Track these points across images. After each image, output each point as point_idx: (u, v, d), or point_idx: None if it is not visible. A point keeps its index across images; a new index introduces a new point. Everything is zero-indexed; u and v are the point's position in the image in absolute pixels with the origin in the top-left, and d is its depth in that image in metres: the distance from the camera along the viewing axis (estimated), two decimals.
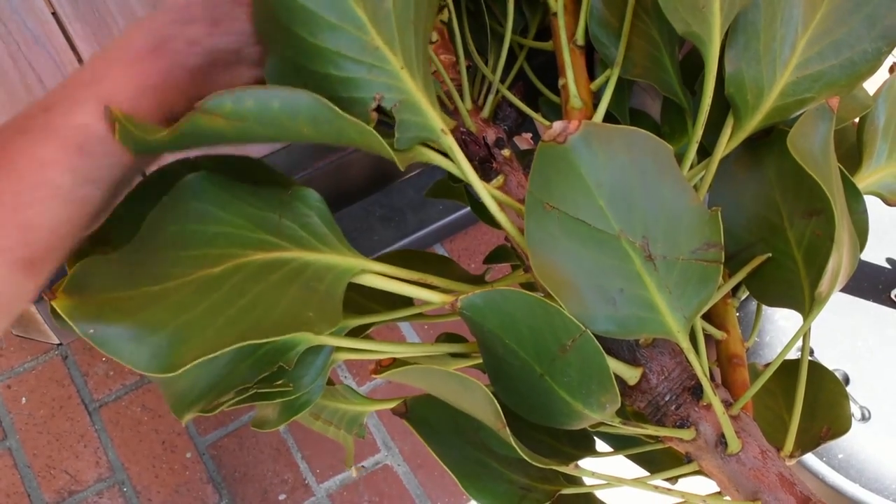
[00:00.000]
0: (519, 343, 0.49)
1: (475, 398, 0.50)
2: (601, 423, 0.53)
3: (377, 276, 0.55)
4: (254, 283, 0.50)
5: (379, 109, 0.51)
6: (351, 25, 0.49)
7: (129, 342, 0.46)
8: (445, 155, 0.55)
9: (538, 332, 0.48)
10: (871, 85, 0.62)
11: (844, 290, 0.56)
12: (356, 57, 0.50)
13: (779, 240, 0.58)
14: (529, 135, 0.71)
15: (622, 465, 0.62)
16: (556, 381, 0.49)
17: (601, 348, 0.48)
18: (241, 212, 0.52)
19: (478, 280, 0.74)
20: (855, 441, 1.08)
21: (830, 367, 0.64)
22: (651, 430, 0.53)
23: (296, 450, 1.43)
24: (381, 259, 0.72)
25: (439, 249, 1.66)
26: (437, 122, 0.51)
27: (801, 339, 0.55)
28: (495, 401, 0.49)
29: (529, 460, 0.51)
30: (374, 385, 1.49)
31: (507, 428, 0.49)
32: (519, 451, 0.50)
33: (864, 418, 1.10)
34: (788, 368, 0.60)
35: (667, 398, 0.55)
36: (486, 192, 0.53)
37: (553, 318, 0.48)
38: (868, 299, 1.03)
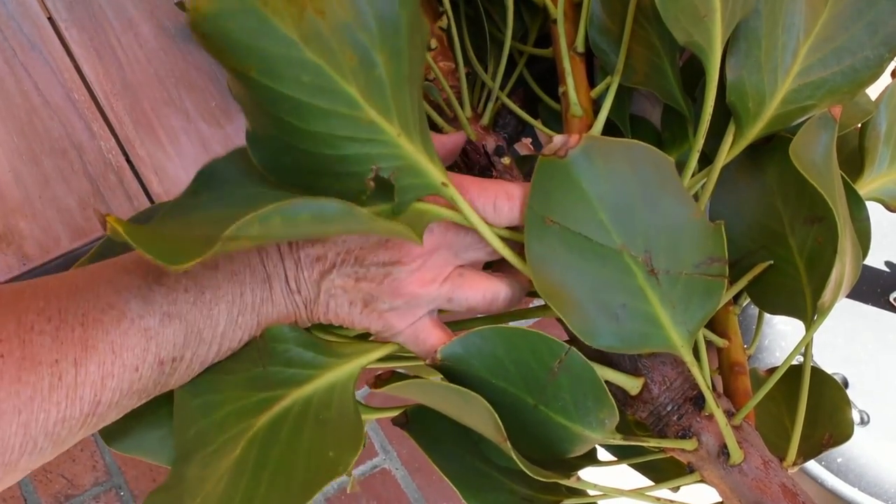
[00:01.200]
0: (507, 380, 0.49)
1: (475, 412, 0.50)
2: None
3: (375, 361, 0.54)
4: (268, 450, 0.49)
5: (376, 178, 0.49)
6: (343, 106, 0.46)
7: None
8: None
9: (524, 364, 0.48)
10: (873, 91, 0.62)
11: None
12: (351, 135, 0.47)
13: (780, 247, 0.58)
14: (529, 140, 0.71)
15: (624, 473, 0.62)
16: (550, 409, 0.49)
17: (589, 363, 0.48)
18: (232, 384, 0.51)
19: None
20: (854, 445, 1.08)
21: (829, 371, 0.64)
22: (653, 443, 0.53)
23: None
24: None
25: None
26: (437, 177, 0.50)
27: (803, 347, 0.55)
28: (495, 414, 0.48)
29: (531, 473, 0.51)
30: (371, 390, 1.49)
31: (508, 441, 0.49)
32: (520, 464, 0.50)
33: (864, 422, 1.09)
34: (790, 374, 0.59)
35: (668, 408, 0.54)
36: (495, 239, 0.52)
37: (535, 344, 0.47)
38: (867, 303, 1.03)
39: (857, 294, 1.03)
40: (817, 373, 0.61)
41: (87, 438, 1.43)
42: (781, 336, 1.13)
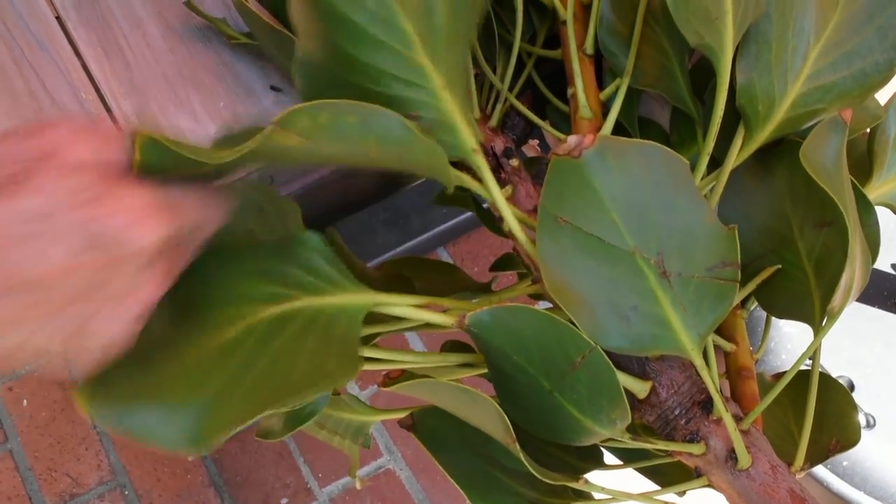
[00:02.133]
0: (527, 360, 0.49)
1: (484, 413, 0.50)
2: (611, 438, 0.52)
3: (388, 307, 0.54)
4: (270, 340, 0.48)
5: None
6: (397, 42, 0.47)
7: (157, 426, 0.45)
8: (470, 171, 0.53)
9: (547, 349, 0.48)
10: (882, 95, 0.61)
11: None
12: (398, 74, 0.48)
13: (789, 251, 0.58)
14: (536, 142, 0.71)
15: (631, 477, 0.62)
16: (565, 398, 0.49)
17: (612, 365, 0.48)
18: (246, 269, 0.51)
19: (484, 288, 0.73)
20: (860, 448, 1.08)
21: (835, 374, 0.64)
22: (661, 445, 0.53)
23: (298, 454, 1.43)
24: (386, 266, 0.72)
25: (443, 253, 1.65)
26: (469, 140, 0.50)
27: (811, 353, 0.55)
28: (505, 416, 0.48)
29: (539, 476, 0.51)
30: (377, 389, 1.49)
31: (517, 444, 0.49)
32: (528, 466, 0.50)
33: (869, 425, 1.09)
34: (796, 378, 0.59)
35: (676, 412, 0.54)
36: (512, 216, 0.52)
37: (562, 335, 0.47)
38: (873, 305, 1.03)
39: (864, 297, 1.03)
40: (824, 378, 0.61)
41: (93, 437, 1.42)
42: (787, 338, 1.12)
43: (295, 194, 0.68)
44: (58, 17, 0.76)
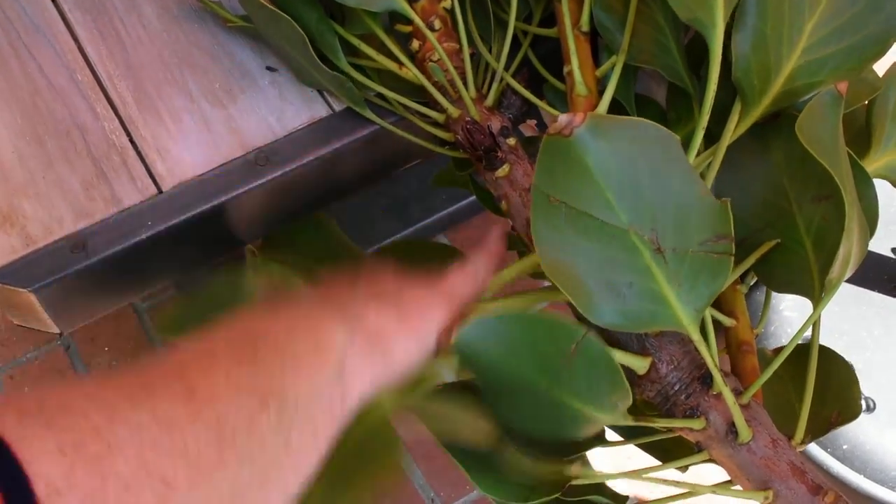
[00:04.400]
0: (521, 363, 0.49)
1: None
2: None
3: None
4: None
5: None
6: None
7: None
8: None
9: (539, 347, 0.48)
10: (881, 66, 0.61)
11: (849, 280, 0.55)
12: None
13: (787, 225, 0.58)
14: (534, 122, 0.71)
15: (632, 451, 0.62)
16: (564, 391, 0.49)
17: (606, 346, 0.48)
18: None
19: None
20: (860, 431, 1.08)
21: None
22: (662, 423, 0.53)
23: None
24: (385, 250, 0.72)
25: (442, 239, 1.65)
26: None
27: (810, 326, 0.55)
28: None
29: (530, 470, 0.51)
30: None
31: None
32: (522, 467, 0.50)
33: (869, 409, 1.09)
34: (796, 353, 0.59)
35: (676, 387, 0.54)
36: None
37: (552, 328, 0.48)
38: (873, 290, 1.03)
39: (863, 281, 1.02)
40: (825, 350, 0.61)
41: None
42: (787, 322, 1.12)
43: (290, 175, 0.68)
44: (53, 0, 0.76)
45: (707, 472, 0.58)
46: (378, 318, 0.49)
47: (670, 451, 0.62)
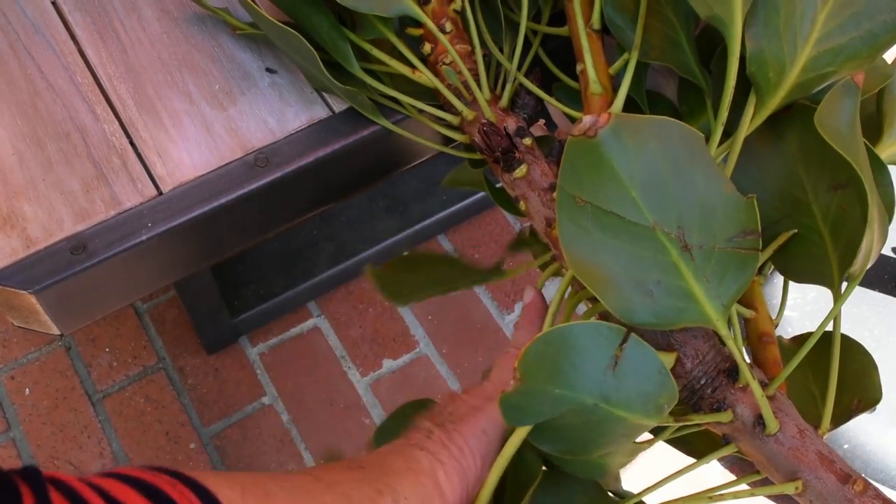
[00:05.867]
0: (566, 385, 0.48)
1: None
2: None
3: None
4: None
5: None
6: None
7: None
8: None
9: (584, 359, 0.48)
10: (892, 54, 0.61)
11: None
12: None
13: (804, 215, 0.58)
14: (542, 121, 0.71)
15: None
16: (612, 404, 0.48)
17: (649, 346, 0.48)
18: None
19: (493, 272, 0.73)
20: (860, 431, 1.08)
21: None
22: (695, 419, 0.53)
23: (299, 440, 1.43)
24: (392, 265, 0.72)
25: (443, 240, 1.65)
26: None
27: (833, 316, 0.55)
28: None
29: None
30: (378, 374, 1.50)
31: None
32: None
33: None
34: (816, 341, 0.59)
35: (702, 382, 0.55)
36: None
37: (596, 335, 0.47)
38: (874, 289, 1.03)
39: (865, 280, 1.03)
40: (844, 338, 0.62)
41: (94, 426, 1.43)
42: (787, 322, 1.13)
43: (290, 177, 0.68)
44: (53, 2, 0.76)
45: (707, 473, 0.58)
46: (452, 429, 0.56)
47: (696, 444, 0.62)
